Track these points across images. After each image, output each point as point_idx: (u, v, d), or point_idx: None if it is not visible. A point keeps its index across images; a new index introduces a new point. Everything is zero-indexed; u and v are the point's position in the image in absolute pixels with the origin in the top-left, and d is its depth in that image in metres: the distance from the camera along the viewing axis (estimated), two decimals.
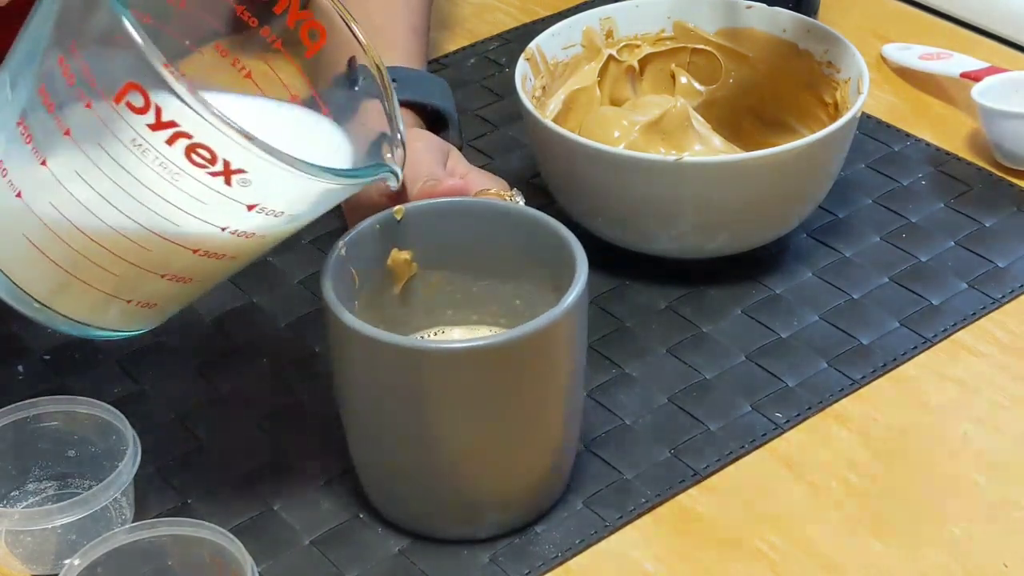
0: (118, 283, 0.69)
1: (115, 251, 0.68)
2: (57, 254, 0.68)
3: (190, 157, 0.64)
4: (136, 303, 0.71)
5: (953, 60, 1.09)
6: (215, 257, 0.69)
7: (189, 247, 0.68)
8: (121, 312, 0.72)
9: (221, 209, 0.66)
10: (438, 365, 0.70)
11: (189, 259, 0.68)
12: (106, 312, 0.72)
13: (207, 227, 0.67)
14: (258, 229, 0.68)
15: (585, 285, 0.72)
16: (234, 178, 0.65)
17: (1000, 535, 0.76)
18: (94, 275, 0.69)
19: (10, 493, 0.79)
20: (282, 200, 0.68)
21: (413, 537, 0.76)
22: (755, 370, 0.86)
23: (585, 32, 0.99)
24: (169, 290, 0.71)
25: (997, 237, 0.96)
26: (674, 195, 0.88)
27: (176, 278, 0.70)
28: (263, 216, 0.67)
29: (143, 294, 0.71)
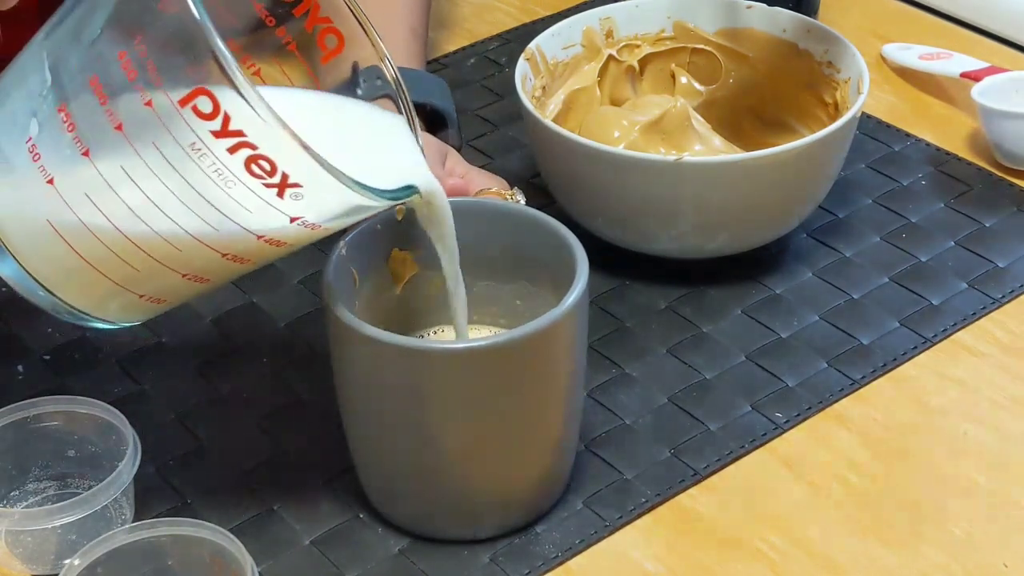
0: (136, 277, 0.69)
1: (144, 247, 0.67)
2: (82, 245, 0.67)
3: (249, 167, 0.63)
4: (146, 298, 0.71)
5: (953, 60, 1.09)
6: (239, 261, 0.68)
7: (219, 250, 0.67)
8: (127, 305, 0.71)
9: (264, 218, 0.65)
10: (438, 365, 0.70)
11: (214, 261, 0.68)
12: (112, 304, 0.71)
13: (244, 234, 0.66)
14: (290, 239, 0.68)
15: (585, 285, 0.72)
16: (288, 191, 0.64)
17: (1000, 535, 0.76)
18: (114, 267, 0.68)
19: (10, 493, 0.79)
20: (323, 214, 0.67)
21: (413, 537, 0.76)
22: (755, 370, 0.86)
23: (585, 32, 0.99)
24: (183, 288, 0.70)
25: (997, 237, 0.96)
26: (674, 195, 0.88)
27: (195, 277, 0.69)
28: (299, 227, 0.67)
29: (156, 290, 0.70)
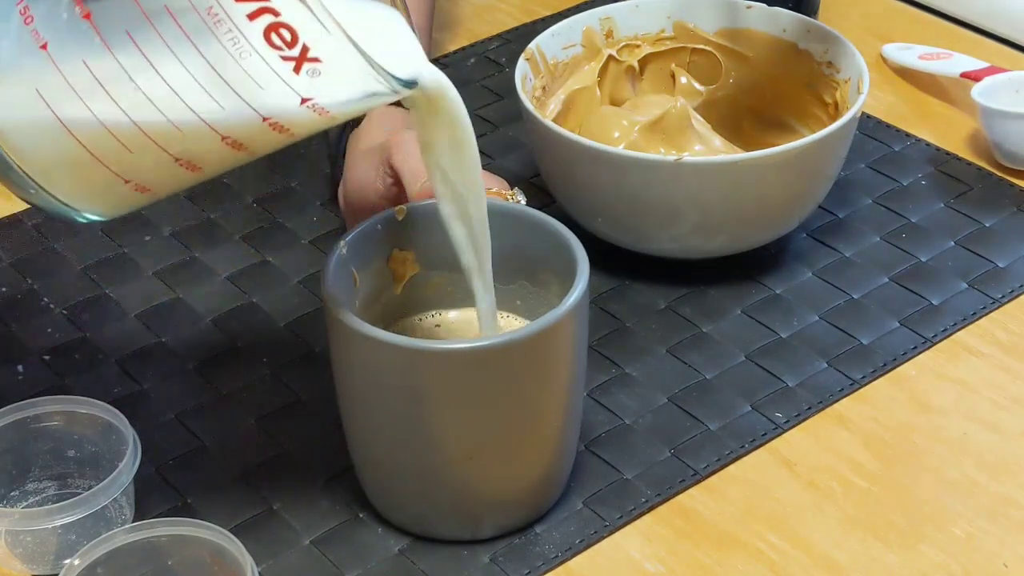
0: (130, 162, 0.65)
1: (141, 123, 0.63)
2: (75, 120, 0.63)
3: (268, 37, 0.60)
4: (133, 186, 0.66)
5: (953, 60, 1.09)
6: (237, 148, 0.65)
7: (221, 132, 0.64)
8: (112, 195, 0.67)
9: (275, 97, 0.62)
10: (438, 365, 0.70)
11: (213, 146, 0.64)
12: (98, 193, 0.67)
13: (250, 114, 0.63)
14: (295, 125, 0.64)
15: (586, 285, 0.72)
16: (305, 67, 0.61)
17: (1000, 535, 0.76)
18: (103, 145, 0.64)
19: (10, 493, 0.79)
20: (334, 98, 0.64)
21: (413, 537, 0.76)
22: (755, 370, 0.86)
23: (585, 32, 0.99)
24: (174, 176, 0.66)
25: (997, 237, 0.96)
26: (674, 195, 0.88)
27: (189, 164, 0.66)
28: (307, 111, 0.63)
29: (147, 177, 0.66)
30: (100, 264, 0.95)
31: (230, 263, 0.95)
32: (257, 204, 1.00)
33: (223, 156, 0.66)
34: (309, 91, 0.62)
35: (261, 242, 0.97)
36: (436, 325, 0.80)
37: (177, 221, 0.99)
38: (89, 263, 0.95)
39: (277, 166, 1.04)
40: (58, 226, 0.98)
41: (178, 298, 0.92)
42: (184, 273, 0.94)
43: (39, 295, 0.93)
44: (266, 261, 0.95)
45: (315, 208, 0.99)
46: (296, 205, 1.00)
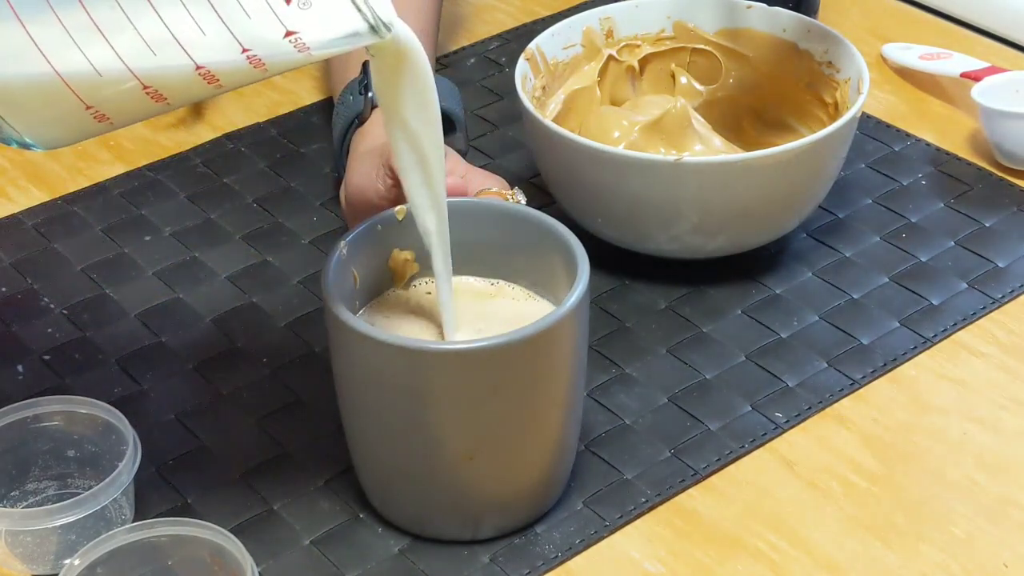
0: (93, 81, 0.63)
1: (117, 45, 0.62)
2: (45, 37, 0.62)
3: None
4: (94, 113, 0.64)
5: (953, 60, 1.09)
6: (209, 80, 0.64)
7: (197, 61, 0.63)
8: (69, 122, 0.65)
9: (259, 28, 0.62)
10: (438, 365, 0.70)
11: (185, 75, 0.63)
12: (55, 119, 0.65)
13: (230, 43, 0.62)
14: (272, 61, 0.64)
15: (586, 285, 0.72)
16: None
17: (1000, 535, 0.76)
18: (77, 69, 0.62)
19: (10, 493, 0.79)
20: (318, 35, 0.63)
21: (413, 537, 0.76)
22: (755, 370, 0.86)
23: (585, 32, 0.99)
24: (139, 105, 0.65)
25: (997, 237, 0.96)
26: (674, 195, 0.88)
27: (157, 94, 0.64)
28: (288, 47, 0.63)
29: (110, 104, 0.65)
30: (100, 264, 0.95)
31: (230, 263, 0.95)
32: (257, 204, 1.00)
33: (192, 88, 0.64)
34: (295, 24, 0.62)
35: (261, 242, 0.97)
36: (428, 293, 0.79)
37: (177, 221, 0.99)
38: (89, 263, 0.95)
39: (277, 166, 1.04)
40: (58, 226, 0.98)
41: (178, 298, 0.92)
42: (184, 273, 0.94)
43: (39, 295, 0.93)
44: (266, 261, 0.95)
45: (315, 208, 0.99)
46: (296, 205, 1.00)
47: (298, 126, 1.08)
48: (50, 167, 1.04)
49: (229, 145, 1.06)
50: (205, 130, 1.08)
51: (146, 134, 1.07)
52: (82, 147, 1.06)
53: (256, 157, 1.05)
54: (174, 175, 1.03)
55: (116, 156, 1.05)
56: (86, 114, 0.65)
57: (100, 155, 1.05)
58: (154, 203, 1.00)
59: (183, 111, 1.09)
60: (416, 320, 0.79)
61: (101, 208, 1.00)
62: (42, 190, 1.02)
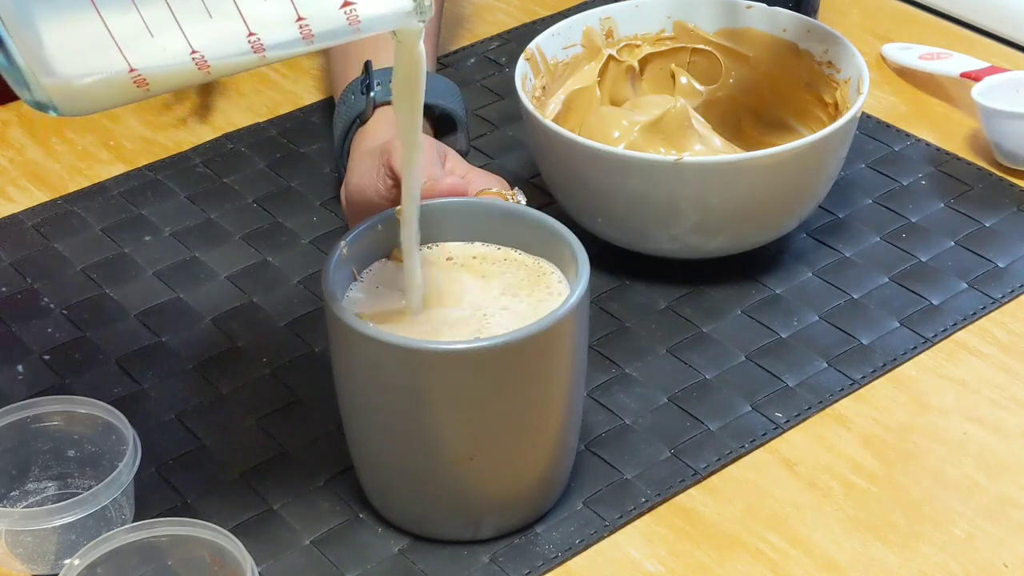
0: (146, 46, 0.63)
1: (174, 6, 0.62)
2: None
3: None
4: (135, 77, 0.64)
5: (953, 60, 1.09)
6: (256, 50, 0.64)
7: (250, 27, 0.63)
8: (108, 82, 0.64)
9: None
10: (438, 365, 0.70)
11: (235, 42, 0.63)
12: (93, 79, 0.64)
13: (288, 11, 0.62)
14: (322, 31, 0.64)
15: (586, 285, 0.72)
16: None
17: (1000, 535, 0.76)
18: (128, 27, 0.62)
19: (10, 493, 0.79)
20: (372, 9, 0.64)
21: (413, 537, 0.76)
22: (755, 370, 0.86)
23: (585, 32, 0.99)
24: (180, 73, 0.64)
25: (997, 237, 0.96)
26: (674, 195, 0.88)
27: (202, 63, 0.64)
28: (341, 17, 0.63)
29: (155, 70, 0.64)
30: (100, 264, 0.95)
31: (230, 263, 0.95)
32: (257, 204, 1.00)
33: (239, 58, 0.64)
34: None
35: (261, 242, 0.97)
36: (448, 258, 0.78)
37: (177, 221, 0.99)
38: (89, 263, 0.95)
39: (277, 166, 1.04)
40: (58, 226, 0.98)
41: (178, 298, 0.92)
42: (184, 273, 0.94)
43: (39, 295, 0.93)
44: (266, 261, 0.95)
45: (315, 208, 0.99)
46: (296, 205, 1.00)
47: (298, 126, 1.08)
48: (50, 167, 1.04)
49: (229, 145, 1.06)
50: (205, 130, 1.08)
51: (146, 134, 1.07)
52: (82, 147, 1.06)
53: (256, 157, 1.05)
54: (174, 175, 1.03)
55: (116, 156, 1.05)
56: (127, 77, 0.64)
57: (100, 155, 1.05)
58: (154, 203, 1.00)
59: (185, 109, 1.09)
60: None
61: (101, 208, 1.00)
62: (42, 190, 1.02)
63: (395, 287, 0.76)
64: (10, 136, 1.08)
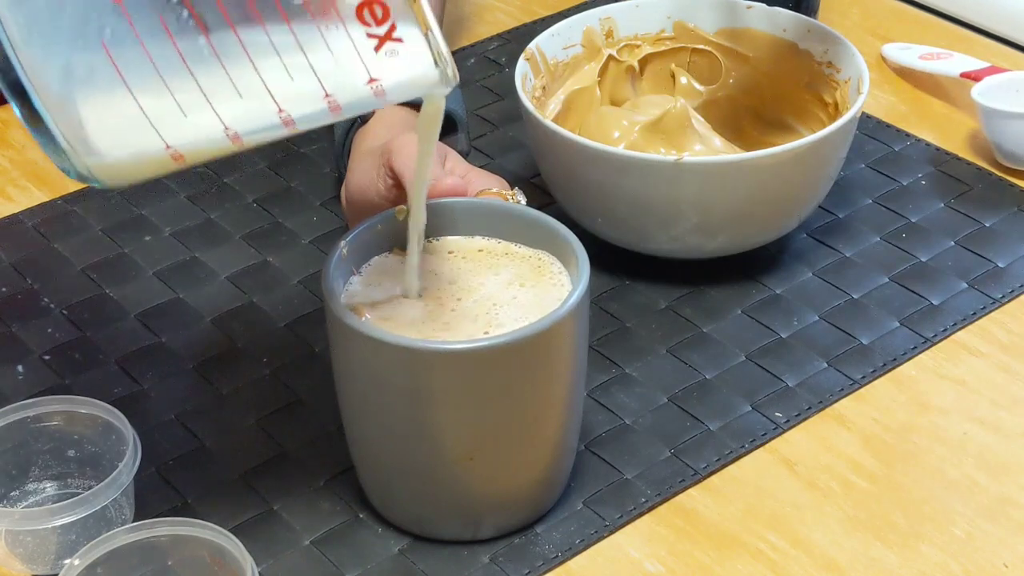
0: (181, 126, 0.65)
1: (207, 89, 0.64)
2: (136, 76, 0.63)
3: (361, 12, 0.61)
4: (172, 153, 0.66)
5: (953, 60, 1.09)
6: (286, 124, 0.66)
7: (279, 104, 0.64)
8: (145, 157, 0.66)
9: (346, 75, 0.64)
10: (438, 365, 0.70)
11: (265, 120, 0.65)
12: (131, 154, 0.66)
13: (316, 90, 0.64)
14: (349, 104, 0.66)
15: (587, 286, 0.72)
16: (386, 46, 0.63)
17: (1000, 535, 0.76)
18: (164, 109, 0.64)
19: (10, 493, 0.79)
20: (396, 81, 0.65)
21: (413, 537, 0.76)
22: (755, 370, 0.86)
23: (585, 32, 0.99)
24: (214, 147, 0.66)
25: (997, 237, 0.96)
26: (674, 195, 0.88)
27: (235, 137, 0.66)
28: (367, 92, 0.65)
29: (190, 146, 0.66)
30: (100, 264, 0.95)
31: (230, 263, 0.95)
32: (257, 204, 1.00)
33: (269, 131, 0.66)
34: (379, 71, 0.64)
35: (261, 242, 0.97)
36: (449, 251, 0.78)
37: (177, 221, 0.99)
38: (89, 263, 0.95)
39: (277, 166, 1.04)
40: (58, 226, 0.98)
41: (178, 298, 0.92)
42: (184, 273, 0.94)
43: (39, 295, 0.93)
44: (266, 261, 0.95)
45: (315, 208, 0.99)
46: (296, 205, 1.00)
47: None
48: (50, 167, 1.04)
49: None
50: None
51: None
52: None
53: (256, 157, 1.05)
54: (174, 175, 1.03)
55: None
56: (165, 153, 0.66)
57: None
58: (154, 203, 1.00)
59: None
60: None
61: (101, 208, 1.00)
62: (42, 190, 1.02)
63: (396, 280, 0.76)
64: (10, 136, 1.08)
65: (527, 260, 0.76)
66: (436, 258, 0.77)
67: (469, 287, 0.75)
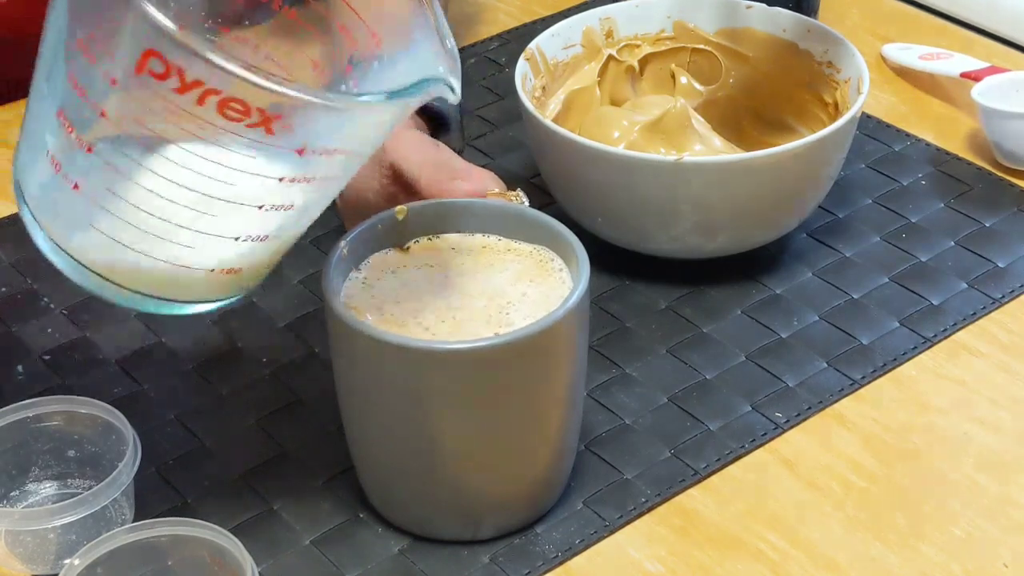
0: (192, 255, 0.69)
1: (181, 223, 0.67)
2: (129, 238, 0.68)
3: (224, 113, 0.63)
4: (218, 271, 0.70)
5: (953, 60, 1.09)
6: (281, 209, 0.68)
7: (252, 204, 0.67)
8: (206, 282, 0.71)
9: (271, 159, 0.66)
10: (438, 365, 0.70)
11: (256, 216, 0.68)
12: (189, 285, 0.71)
13: (264, 180, 0.66)
14: (311, 172, 0.68)
15: (587, 285, 0.72)
16: (273, 125, 0.64)
17: (1000, 535, 0.76)
18: (167, 251, 0.68)
19: (10, 493, 0.79)
20: (329, 138, 0.67)
21: (413, 537, 0.76)
22: (755, 370, 0.86)
23: (585, 32, 0.99)
24: (246, 251, 0.70)
25: (997, 237, 0.96)
26: (674, 195, 0.88)
27: (251, 237, 0.69)
28: (316, 157, 0.67)
29: (219, 260, 0.70)
30: None
31: None
32: None
33: (278, 219, 0.69)
34: (296, 143, 0.66)
35: None
36: (452, 248, 0.78)
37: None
38: None
39: None
40: None
41: None
42: None
43: (39, 295, 0.93)
44: None
45: None
46: None
47: None
48: None
49: None
50: None
51: None
52: None
53: None
54: None
55: None
56: (213, 274, 0.70)
57: None
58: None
59: None
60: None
61: None
62: None
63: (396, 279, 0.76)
64: (10, 136, 1.07)
65: (531, 256, 0.76)
66: (439, 255, 0.77)
67: (475, 284, 0.75)
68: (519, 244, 0.77)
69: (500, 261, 0.76)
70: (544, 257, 0.76)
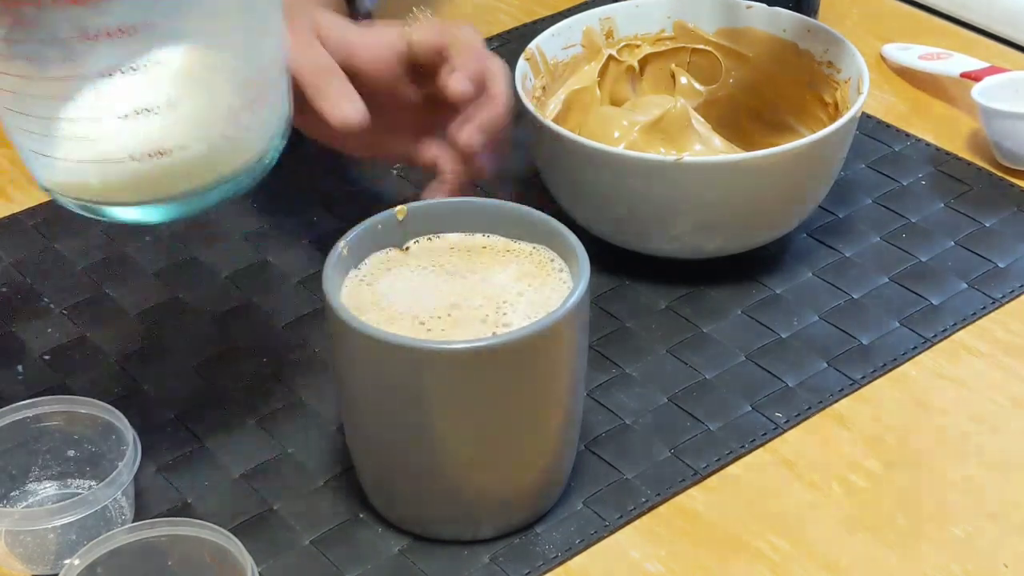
0: (99, 146, 0.71)
1: (67, 115, 0.70)
2: (52, 150, 0.72)
3: None
4: (143, 155, 0.71)
5: (953, 60, 1.09)
6: (139, 70, 0.69)
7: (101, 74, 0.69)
8: (148, 174, 0.72)
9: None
10: (439, 365, 0.70)
11: (122, 83, 0.69)
12: (136, 183, 0.72)
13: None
14: (129, 20, 0.68)
15: (587, 286, 0.72)
16: None
17: (1000, 535, 0.76)
18: (79, 151, 0.71)
19: (10, 493, 0.79)
20: None
21: (413, 537, 0.76)
22: (755, 370, 0.86)
23: (585, 32, 0.99)
24: (148, 127, 0.70)
25: (997, 237, 0.96)
26: (674, 195, 0.88)
27: (137, 110, 0.70)
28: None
29: (132, 144, 0.70)
30: (100, 264, 0.95)
31: (230, 263, 0.95)
32: (257, 204, 1.00)
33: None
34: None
35: (261, 242, 0.97)
36: (451, 247, 0.78)
37: (177, 221, 0.98)
38: (89, 263, 0.95)
39: (277, 166, 1.03)
40: (58, 226, 0.98)
41: (178, 298, 0.92)
42: (184, 273, 0.94)
43: (39, 295, 0.93)
44: (266, 261, 0.95)
45: (315, 208, 0.99)
46: (296, 205, 1.00)
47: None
48: None
49: None
50: None
51: None
52: None
53: None
54: None
55: None
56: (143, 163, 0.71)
57: None
58: None
59: None
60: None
61: None
62: None
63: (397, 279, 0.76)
64: None
65: (530, 256, 0.76)
66: (439, 255, 0.77)
67: (475, 283, 0.75)
68: (519, 244, 0.77)
69: (500, 261, 0.76)
70: (544, 257, 0.76)
